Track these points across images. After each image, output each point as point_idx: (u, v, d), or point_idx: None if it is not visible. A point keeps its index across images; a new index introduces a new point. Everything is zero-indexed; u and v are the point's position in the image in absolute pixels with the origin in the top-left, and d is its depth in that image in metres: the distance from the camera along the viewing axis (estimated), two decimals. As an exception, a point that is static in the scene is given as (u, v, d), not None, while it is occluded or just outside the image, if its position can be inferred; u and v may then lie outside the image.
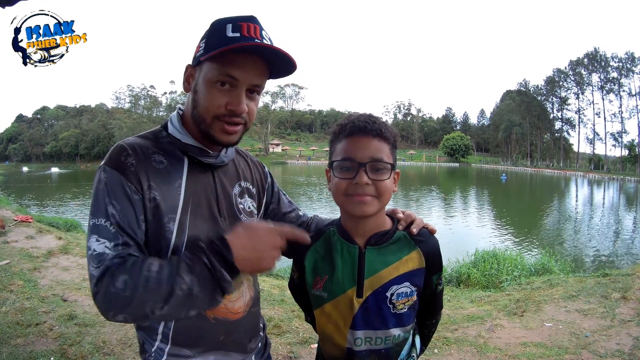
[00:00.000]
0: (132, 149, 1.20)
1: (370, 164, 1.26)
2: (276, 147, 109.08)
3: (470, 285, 7.05)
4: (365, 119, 1.31)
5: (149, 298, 1.03)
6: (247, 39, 1.18)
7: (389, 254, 1.35)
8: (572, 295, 5.38)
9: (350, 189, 1.27)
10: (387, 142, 1.30)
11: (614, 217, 23.81)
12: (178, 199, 1.24)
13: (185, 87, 1.31)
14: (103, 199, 1.13)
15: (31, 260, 7.17)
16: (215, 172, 1.36)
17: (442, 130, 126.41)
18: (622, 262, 12.03)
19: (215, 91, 1.21)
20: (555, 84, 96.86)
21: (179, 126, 1.31)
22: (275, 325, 4.51)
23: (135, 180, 1.16)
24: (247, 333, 1.41)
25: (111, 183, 1.14)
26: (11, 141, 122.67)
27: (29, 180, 54.15)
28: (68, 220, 12.90)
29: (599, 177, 61.86)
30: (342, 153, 1.30)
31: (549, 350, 3.90)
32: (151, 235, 1.21)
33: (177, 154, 1.29)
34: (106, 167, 1.16)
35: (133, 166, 1.17)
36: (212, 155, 1.33)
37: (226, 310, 1.32)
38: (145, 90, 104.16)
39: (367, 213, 1.28)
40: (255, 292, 1.45)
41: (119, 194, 1.14)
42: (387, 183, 1.28)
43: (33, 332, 4.15)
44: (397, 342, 1.38)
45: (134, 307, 1.03)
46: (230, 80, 1.20)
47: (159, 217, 1.20)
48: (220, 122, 1.23)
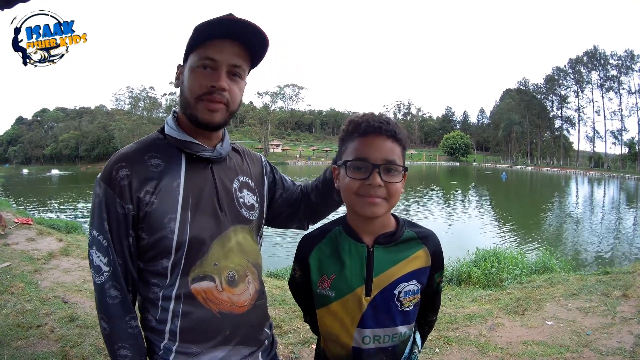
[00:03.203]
0: (128, 158, 1.28)
1: (384, 166, 1.26)
2: (276, 148, 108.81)
3: (471, 284, 7.06)
4: (380, 120, 1.31)
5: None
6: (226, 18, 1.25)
7: (397, 252, 1.36)
8: (573, 293, 5.37)
9: (362, 189, 1.27)
10: (399, 144, 1.31)
11: (615, 214, 23.82)
12: (177, 198, 1.28)
13: (176, 83, 1.40)
14: (100, 213, 1.26)
15: (32, 262, 7.17)
16: (214, 167, 1.39)
17: (442, 129, 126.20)
18: (623, 260, 12.03)
19: (198, 74, 1.29)
20: (554, 82, 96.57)
21: (174, 125, 1.36)
22: (277, 325, 4.49)
23: (128, 195, 1.25)
24: (254, 326, 1.42)
25: (105, 200, 1.25)
26: (11, 143, 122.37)
27: (29, 182, 54.19)
28: (69, 222, 12.93)
29: (599, 175, 61.95)
30: (355, 152, 1.30)
31: (550, 348, 3.89)
32: (149, 241, 1.27)
33: (174, 154, 1.33)
34: (101, 182, 1.26)
35: (127, 178, 1.25)
36: (208, 149, 1.36)
37: (231, 304, 1.34)
38: (145, 91, 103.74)
39: (376, 214, 1.29)
40: (260, 285, 1.45)
41: (112, 211, 1.25)
42: (398, 186, 1.29)
43: (34, 334, 4.15)
44: (403, 339, 1.39)
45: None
46: (209, 62, 1.28)
47: (159, 220, 1.25)
48: (202, 102, 1.29)
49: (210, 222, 1.32)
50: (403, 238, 1.38)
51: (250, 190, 1.49)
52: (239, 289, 1.35)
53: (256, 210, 1.49)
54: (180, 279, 1.28)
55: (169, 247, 1.26)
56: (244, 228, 1.43)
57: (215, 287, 1.31)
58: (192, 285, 1.29)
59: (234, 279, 1.34)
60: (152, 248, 1.27)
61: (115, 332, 1.26)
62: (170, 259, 1.27)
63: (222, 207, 1.36)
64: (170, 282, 1.29)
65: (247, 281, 1.38)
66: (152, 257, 1.29)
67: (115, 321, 1.26)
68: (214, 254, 1.32)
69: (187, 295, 1.28)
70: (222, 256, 1.33)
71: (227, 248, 1.35)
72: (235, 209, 1.41)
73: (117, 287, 1.26)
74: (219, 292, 1.31)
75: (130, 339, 1.27)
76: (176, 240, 1.26)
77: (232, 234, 1.37)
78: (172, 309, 1.29)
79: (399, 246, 1.37)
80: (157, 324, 1.31)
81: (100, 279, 1.26)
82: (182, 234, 1.26)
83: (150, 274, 1.31)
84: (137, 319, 1.31)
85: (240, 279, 1.36)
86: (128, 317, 1.28)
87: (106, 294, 1.25)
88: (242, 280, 1.37)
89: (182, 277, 1.28)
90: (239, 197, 1.43)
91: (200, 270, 1.30)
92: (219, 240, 1.33)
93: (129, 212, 1.25)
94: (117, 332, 1.26)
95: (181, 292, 1.28)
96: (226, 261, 1.34)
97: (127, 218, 1.25)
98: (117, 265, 1.26)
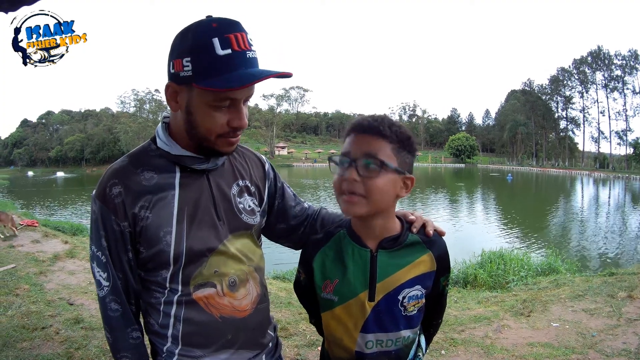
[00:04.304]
0: (120, 175, 1.26)
1: (361, 160, 1.22)
2: (282, 150, 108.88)
3: (477, 286, 7.04)
4: (370, 118, 1.28)
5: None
6: (240, 56, 1.15)
7: (401, 257, 1.34)
8: (578, 295, 5.35)
9: (343, 186, 1.24)
10: (387, 140, 1.25)
11: (620, 215, 23.72)
12: (172, 210, 1.26)
13: (173, 106, 1.25)
14: (97, 230, 1.26)
15: (37, 264, 7.21)
16: (210, 175, 1.35)
17: (447, 131, 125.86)
18: (628, 261, 11.97)
19: (217, 112, 1.20)
20: (559, 83, 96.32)
21: (166, 139, 1.30)
22: (282, 327, 4.50)
23: (122, 212, 1.23)
24: (256, 330, 1.41)
25: (101, 217, 1.25)
26: (16, 146, 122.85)
27: (35, 184, 54.46)
28: (74, 224, 12.95)
29: (605, 176, 61.71)
30: (341, 150, 1.29)
31: (555, 350, 3.87)
32: (148, 253, 1.26)
33: (168, 166, 1.30)
34: (96, 199, 1.26)
35: (120, 195, 1.23)
36: (204, 161, 1.32)
37: (232, 309, 1.33)
38: (150, 94, 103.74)
39: (353, 213, 1.26)
40: (262, 289, 1.44)
41: (108, 228, 1.24)
42: (378, 182, 1.22)
43: (39, 336, 4.17)
44: (407, 343, 1.37)
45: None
46: (230, 101, 1.20)
47: (155, 233, 1.24)
48: (224, 138, 1.25)
49: (208, 233, 1.30)
50: (407, 242, 1.35)
51: (250, 194, 1.46)
52: (240, 293, 1.34)
53: (257, 214, 1.46)
54: (182, 287, 1.28)
55: (167, 260, 1.25)
56: (245, 233, 1.40)
57: (217, 293, 1.30)
58: (194, 292, 1.28)
59: (235, 284, 1.33)
60: (150, 260, 1.27)
61: (118, 342, 1.30)
62: (169, 270, 1.26)
63: (220, 216, 1.34)
64: (171, 290, 1.28)
65: (248, 286, 1.37)
66: (151, 269, 1.28)
67: (116, 333, 1.29)
68: (213, 262, 1.30)
69: (188, 301, 1.28)
70: (222, 264, 1.31)
71: (228, 256, 1.33)
72: (234, 216, 1.37)
73: (117, 300, 1.28)
74: (220, 297, 1.30)
75: (131, 349, 1.31)
76: (173, 253, 1.24)
77: (232, 242, 1.35)
78: (173, 314, 1.28)
79: (403, 250, 1.35)
80: (160, 328, 1.31)
81: (101, 292, 1.28)
82: (179, 247, 1.25)
83: (151, 282, 1.30)
84: (138, 330, 1.33)
85: (241, 284, 1.34)
86: (129, 329, 1.30)
87: (107, 308, 1.28)
88: (243, 285, 1.35)
89: (183, 286, 1.28)
90: (239, 203, 1.40)
91: (201, 278, 1.28)
92: (218, 249, 1.31)
93: (125, 229, 1.24)
94: (119, 342, 1.30)
95: (183, 298, 1.28)
96: (227, 268, 1.32)
97: (124, 235, 1.25)
98: (116, 279, 1.27)
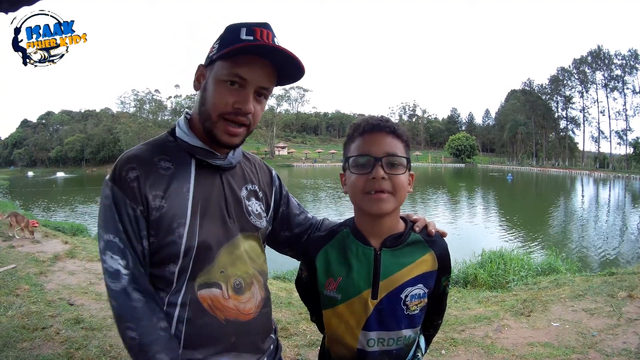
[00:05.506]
0: (137, 160, 1.24)
1: (386, 159, 1.28)
2: (282, 150, 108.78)
3: (477, 286, 7.05)
4: (379, 118, 1.35)
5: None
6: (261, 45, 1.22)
7: (404, 255, 1.36)
8: (578, 294, 5.36)
9: (368, 185, 1.27)
10: (400, 140, 1.33)
11: (620, 215, 23.70)
12: (187, 203, 1.26)
13: (195, 85, 1.35)
14: (112, 216, 1.20)
15: (37, 264, 7.21)
16: (223, 174, 1.38)
17: (447, 131, 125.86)
18: (628, 261, 11.96)
19: (224, 89, 1.25)
20: (559, 83, 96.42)
21: (186, 129, 1.34)
22: (283, 327, 4.51)
23: (138, 196, 1.21)
24: (259, 334, 1.41)
25: (116, 201, 1.21)
26: (16, 146, 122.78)
27: (35, 185, 54.41)
28: (74, 224, 13.01)
29: (605, 176, 61.73)
30: (357, 150, 1.32)
31: (556, 350, 3.88)
32: (158, 244, 1.24)
33: (184, 158, 1.32)
34: (111, 183, 1.22)
35: (137, 180, 1.21)
36: (219, 157, 1.34)
37: (237, 312, 1.32)
38: (150, 94, 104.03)
39: (384, 210, 1.29)
40: (266, 293, 1.45)
41: (123, 212, 1.20)
42: (403, 178, 1.30)
43: (39, 336, 4.17)
44: (408, 342, 1.38)
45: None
46: (239, 80, 1.24)
47: (168, 224, 1.23)
48: (224, 122, 1.26)
49: (218, 229, 1.31)
50: (409, 241, 1.37)
51: (258, 199, 1.49)
52: (245, 296, 1.34)
53: (264, 219, 1.48)
54: (187, 285, 1.26)
55: (177, 253, 1.24)
56: (252, 236, 1.42)
57: (222, 295, 1.29)
58: (199, 291, 1.27)
59: (240, 287, 1.33)
60: (159, 252, 1.25)
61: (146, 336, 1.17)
62: (177, 264, 1.25)
63: (230, 214, 1.35)
64: (176, 287, 1.27)
65: (253, 289, 1.37)
66: (159, 262, 1.26)
67: (143, 323, 1.18)
68: (221, 261, 1.30)
69: (193, 301, 1.26)
70: (229, 263, 1.31)
71: (235, 255, 1.33)
72: (243, 216, 1.39)
73: (140, 288, 1.20)
74: (225, 300, 1.30)
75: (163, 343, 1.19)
76: (184, 245, 1.23)
77: (240, 242, 1.36)
78: (177, 315, 1.26)
79: (406, 249, 1.36)
80: None
81: (119, 284, 1.18)
82: (191, 240, 1.24)
83: (156, 278, 1.28)
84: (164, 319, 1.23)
85: (246, 287, 1.35)
86: (156, 317, 1.20)
87: (130, 298, 1.18)
88: (248, 288, 1.35)
89: (188, 283, 1.26)
90: (248, 205, 1.42)
91: (207, 277, 1.28)
92: (226, 247, 1.32)
93: (140, 215, 1.21)
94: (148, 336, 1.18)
95: (187, 298, 1.26)
96: (233, 269, 1.32)
97: (139, 220, 1.21)
98: (137, 264, 1.21)
